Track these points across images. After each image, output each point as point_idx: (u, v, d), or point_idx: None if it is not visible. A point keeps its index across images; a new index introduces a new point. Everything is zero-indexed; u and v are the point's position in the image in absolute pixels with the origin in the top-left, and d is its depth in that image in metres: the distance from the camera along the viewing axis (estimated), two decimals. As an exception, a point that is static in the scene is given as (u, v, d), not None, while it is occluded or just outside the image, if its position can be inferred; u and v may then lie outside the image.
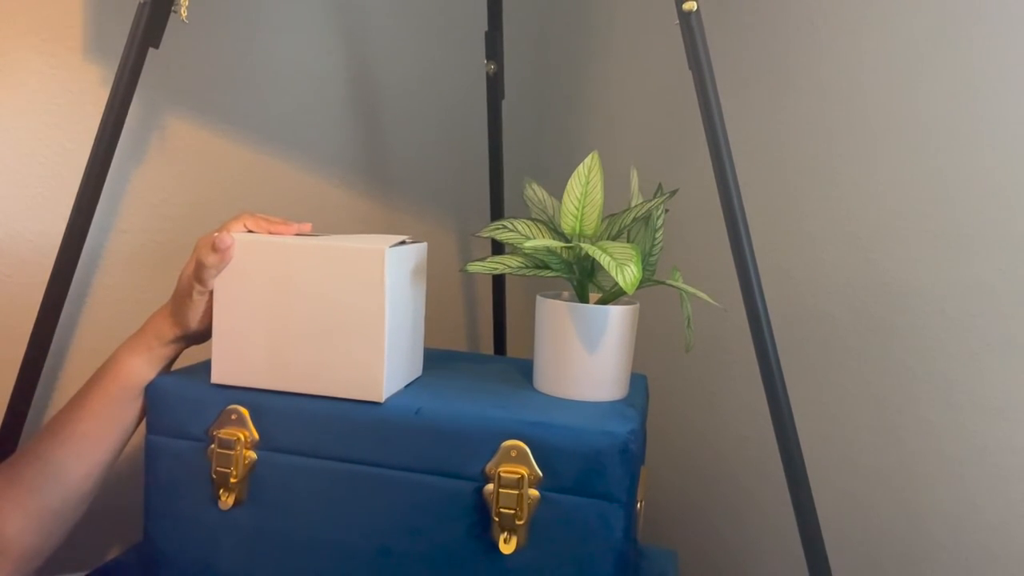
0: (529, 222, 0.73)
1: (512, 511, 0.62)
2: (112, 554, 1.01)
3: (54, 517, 0.67)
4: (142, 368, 0.70)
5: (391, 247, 0.66)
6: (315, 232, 0.74)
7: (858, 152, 0.90)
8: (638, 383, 0.79)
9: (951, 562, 0.83)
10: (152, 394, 0.70)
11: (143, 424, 0.71)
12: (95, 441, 0.69)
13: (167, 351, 0.71)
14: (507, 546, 0.63)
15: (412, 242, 0.72)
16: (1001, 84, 0.76)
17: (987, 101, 0.78)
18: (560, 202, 0.72)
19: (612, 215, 0.72)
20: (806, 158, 0.96)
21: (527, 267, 0.72)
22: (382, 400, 0.66)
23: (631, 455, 0.62)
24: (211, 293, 0.68)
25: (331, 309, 0.66)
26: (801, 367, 0.97)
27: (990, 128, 0.77)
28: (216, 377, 0.69)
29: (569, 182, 0.71)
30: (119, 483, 0.99)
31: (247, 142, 1.05)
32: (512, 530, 0.63)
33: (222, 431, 0.67)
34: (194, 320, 0.69)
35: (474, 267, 0.71)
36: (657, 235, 0.74)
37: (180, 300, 0.69)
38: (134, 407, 0.70)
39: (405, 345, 0.71)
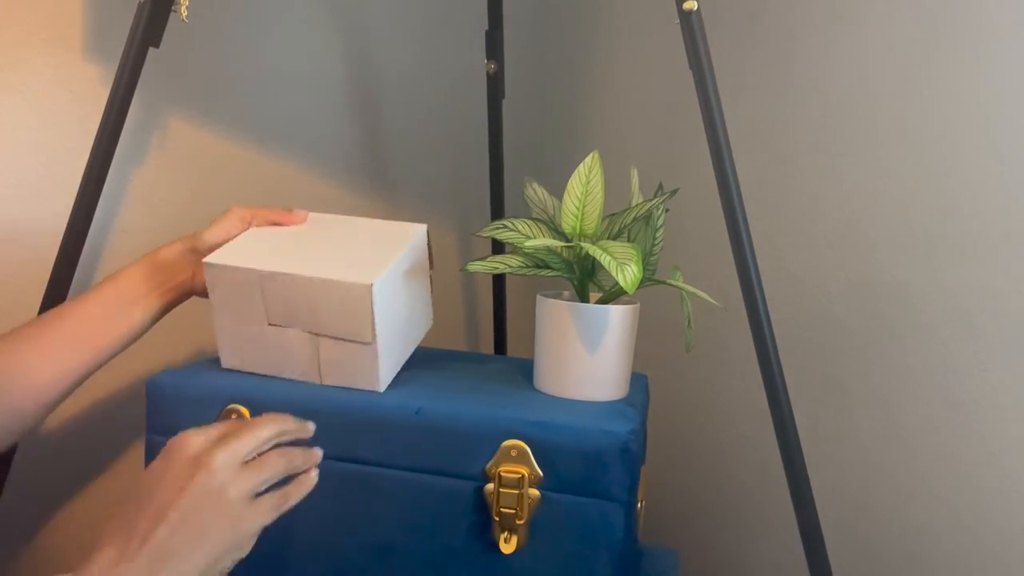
0: (529, 222, 0.73)
1: (512, 511, 0.62)
2: (112, 554, 1.01)
3: (12, 414, 0.65)
4: (141, 280, 0.71)
5: (378, 279, 0.65)
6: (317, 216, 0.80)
7: (859, 152, 0.90)
8: (638, 383, 0.79)
9: (953, 561, 0.83)
10: (152, 393, 0.70)
11: (143, 424, 0.71)
12: (76, 346, 0.67)
13: (171, 271, 0.72)
14: (507, 546, 0.63)
15: (408, 244, 0.73)
16: (1005, 84, 0.76)
17: (990, 102, 0.78)
18: (560, 202, 0.72)
19: (612, 214, 0.72)
20: (807, 158, 0.96)
21: (527, 267, 0.72)
22: (381, 389, 0.68)
23: (631, 455, 0.62)
24: None
25: (324, 323, 0.68)
26: (802, 366, 0.97)
27: (993, 128, 0.77)
28: (225, 362, 0.73)
29: (569, 182, 0.71)
30: (119, 483, 0.99)
31: (247, 142, 1.05)
32: (512, 530, 0.63)
33: (222, 431, 0.67)
34: (214, 239, 0.72)
35: (474, 267, 0.71)
36: (657, 235, 0.74)
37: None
38: (124, 322, 0.70)
39: (400, 338, 0.72)
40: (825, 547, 0.73)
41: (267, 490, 0.53)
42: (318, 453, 0.57)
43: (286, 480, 0.55)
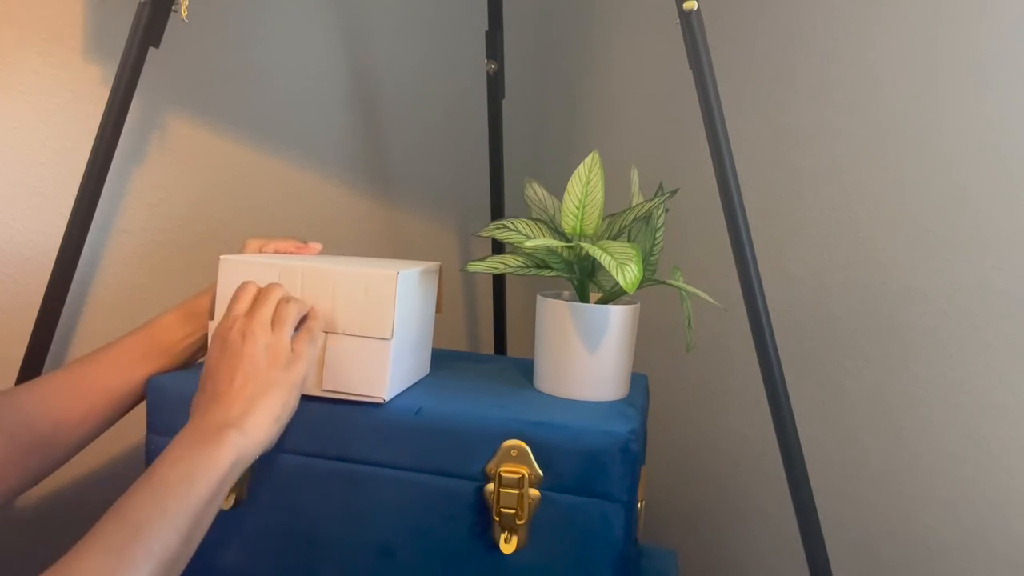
0: (529, 222, 0.73)
1: (513, 511, 0.62)
2: (112, 554, 1.01)
3: (38, 453, 0.65)
4: (174, 325, 0.72)
5: (403, 271, 0.66)
6: (323, 252, 0.78)
7: (859, 152, 0.90)
8: (638, 383, 0.79)
9: (953, 562, 0.83)
10: (152, 393, 0.70)
11: (143, 424, 0.71)
12: (105, 388, 0.68)
13: (204, 319, 0.72)
14: (508, 546, 0.63)
15: (424, 264, 0.74)
16: (1005, 83, 0.76)
17: (990, 101, 0.78)
18: (560, 202, 0.72)
19: (612, 215, 0.72)
20: (807, 157, 0.96)
21: (527, 267, 0.72)
22: (384, 400, 0.66)
23: (632, 455, 0.62)
24: None
25: (339, 318, 0.67)
26: (803, 367, 0.97)
27: (993, 128, 0.77)
28: None
29: (569, 182, 0.71)
30: (119, 483, 0.99)
31: (247, 142, 1.05)
32: (513, 530, 0.63)
33: (222, 431, 0.67)
34: None
35: (474, 267, 0.71)
36: (657, 235, 0.74)
37: None
38: (154, 369, 0.71)
39: (410, 353, 0.71)
40: (825, 547, 0.73)
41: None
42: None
43: None
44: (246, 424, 0.57)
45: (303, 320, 0.66)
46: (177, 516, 0.51)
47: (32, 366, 0.83)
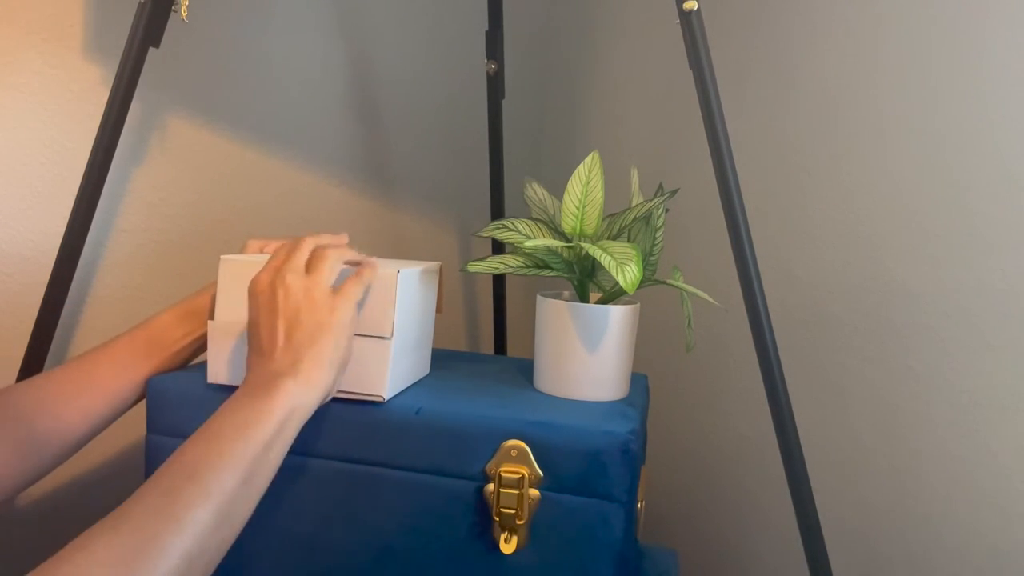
0: (529, 222, 0.73)
1: (512, 511, 0.62)
2: (112, 554, 1.01)
3: (35, 451, 0.65)
4: (172, 323, 0.71)
5: (403, 270, 0.66)
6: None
7: (859, 152, 0.90)
8: (638, 383, 0.79)
9: (954, 562, 0.83)
10: (152, 394, 0.70)
11: (143, 423, 0.71)
12: (102, 388, 0.68)
13: (202, 318, 0.72)
14: (508, 546, 0.63)
15: (425, 263, 0.74)
16: (1006, 83, 0.76)
17: (991, 101, 0.78)
18: (560, 202, 0.72)
19: (612, 215, 0.72)
20: (807, 158, 0.96)
21: (527, 267, 0.72)
22: (384, 399, 0.66)
23: (632, 455, 0.62)
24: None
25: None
26: (803, 367, 0.97)
27: (994, 128, 0.77)
28: (211, 377, 0.69)
29: (569, 182, 0.71)
30: (119, 483, 0.99)
31: (247, 142, 1.05)
32: (513, 530, 0.63)
33: (222, 431, 0.67)
34: None
35: (474, 267, 0.71)
36: (658, 235, 0.74)
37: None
38: (151, 369, 0.71)
39: (410, 352, 0.71)
40: (825, 547, 0.73)
41: None
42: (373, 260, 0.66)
43: None
44: (299, 373, 0.57)
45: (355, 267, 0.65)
46: (233, 459, 0.52)
47: (32, 366, 0.83)
